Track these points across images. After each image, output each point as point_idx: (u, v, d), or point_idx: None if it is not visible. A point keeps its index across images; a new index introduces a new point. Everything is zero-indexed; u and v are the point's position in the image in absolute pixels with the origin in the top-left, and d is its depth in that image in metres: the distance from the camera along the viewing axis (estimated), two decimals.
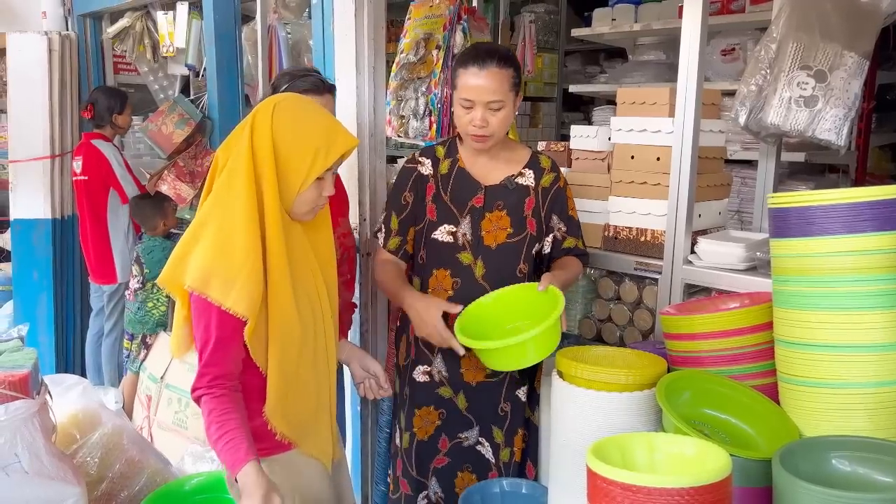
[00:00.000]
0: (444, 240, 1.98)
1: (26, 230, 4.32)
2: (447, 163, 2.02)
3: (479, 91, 1.85)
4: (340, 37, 2.60)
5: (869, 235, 1.34)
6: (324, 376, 1.67)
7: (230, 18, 3.63)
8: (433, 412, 2.04)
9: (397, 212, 2.03)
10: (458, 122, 1.93)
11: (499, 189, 1.99)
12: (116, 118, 3.98)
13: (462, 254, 1.97)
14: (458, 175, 2.01)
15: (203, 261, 1.46)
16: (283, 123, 1.51)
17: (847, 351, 1.37)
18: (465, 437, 2.03)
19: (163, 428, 3.33)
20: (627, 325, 2.34)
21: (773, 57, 2.12)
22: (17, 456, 1.43)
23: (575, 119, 5.02)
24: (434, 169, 2.02)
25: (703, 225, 2.23)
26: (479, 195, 1.99)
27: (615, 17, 3.73)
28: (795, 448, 1.33)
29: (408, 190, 2.02)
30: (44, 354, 4.14)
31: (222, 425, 1.44)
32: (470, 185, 2.00)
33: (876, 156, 3.71)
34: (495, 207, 1.98)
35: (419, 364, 2.04)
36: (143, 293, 3.69)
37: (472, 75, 1.85)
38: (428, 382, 2.03)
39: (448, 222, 1.98)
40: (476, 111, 1.86)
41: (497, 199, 1.99)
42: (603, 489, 1.20)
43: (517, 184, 2.00)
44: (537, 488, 1.87)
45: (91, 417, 2.19)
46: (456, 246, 1.97)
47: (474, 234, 1.97)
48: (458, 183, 2.01)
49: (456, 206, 1.99)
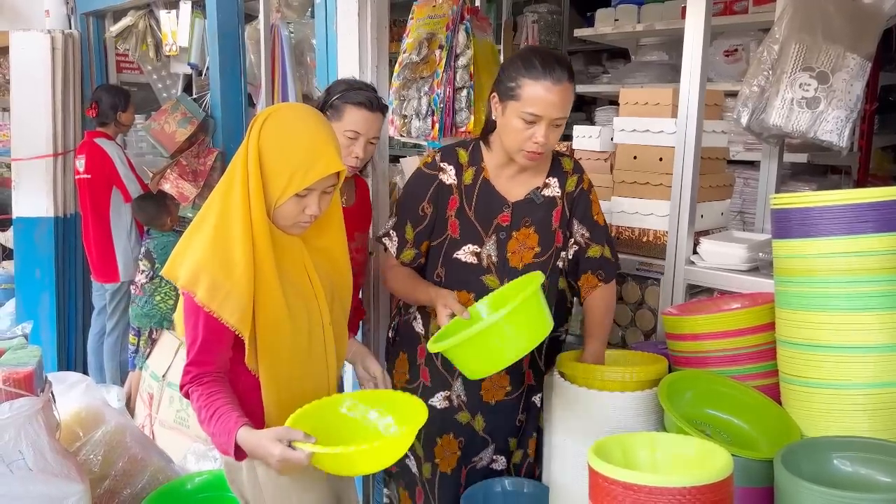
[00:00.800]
0: (468, 260, 1.84)
1: (29, 228, 4.32)
2: (471, 172, 1.85)
3: (550, 107, 1.67)
4: (343, 36, 2.60)
5: (870, 237, 1.34)
6: (322, 381, 1.66)
7: (233, 17, 3.63)
8: (453, 441, 1.94)
9: (413, 222, 1.87)
10: (510, 136, 1.73)
11: (525, 204, 1.85)
12: (120, 116, 3.99)
13: (487, 277, 1.84)
14: (483, 188, 1.84)
15: (195, 261, 1.47)
16: (270, 135, 1.50)
17: (848, 352, 1.37)
18: (478, 459, 1.97)
19: (165, 426, 3.33)
20: (629, 326, 2.35)
21: (775, 58, 2.12)
22: (21, 453, 1.43)
23: (577, 119, 5.01)
24: (458, 178, 1.85)
25: (706, 225, 2.23)
26: (506, 212, 1.83)
27: (618, 18, 3.73)
28: (797, 448, 1.33)
29: (427, 200, 1.85)
30: (46, 352, 4.14)
31: (210, 405, 1.44)
32: (496, 201, 1.84)
33: (878, 157, 3.71)
34: (522, 225, 1.84)
35: (439, 390, 1.92)
36: (150, 287, 3.71)
37: (545, 89, 1.66)
38: (448, 408, 1.92)
39: (472, 242, 1.84)
40: (540, 127, 1.69)
41: (524, 215, 1.84)
42: (605, 488, 1.21)
43: (544, 196, 1.86)
44: (539, 487, 1.88)
45: (94, 415, 2.19)
46: (480, 268, 1.83)
47: (500, 255, 1.83)
48: (482, 198, 1.84)
49: (481, 224, 1.84)
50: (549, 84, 1.66)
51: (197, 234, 1.51)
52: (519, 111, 1.69)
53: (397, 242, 1.89)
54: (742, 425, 1.56)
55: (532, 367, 1.93)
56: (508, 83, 1.71)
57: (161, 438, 3.27)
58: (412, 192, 1.88)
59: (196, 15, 3.84)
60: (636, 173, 2.24)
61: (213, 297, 1.44)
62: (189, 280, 1.46)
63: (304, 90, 3.48)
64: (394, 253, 1.90)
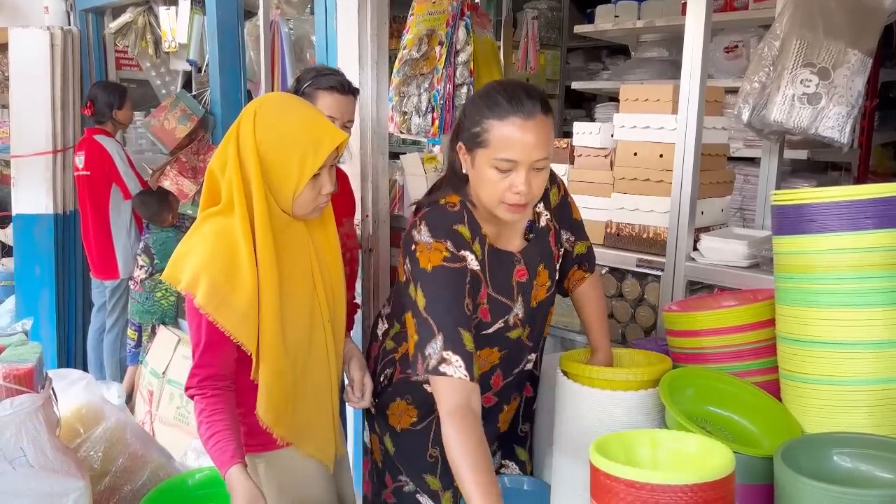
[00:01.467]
0: (495, 329, 1.63)
1: (28, 225, 4.32)
2: (477, 246, 1.57)
3: (526, 148, 1.42)
4: (343, 33, 2.60)
5: (870, 233, 1.34)
6: (324, 378, 1.66)
7: (232, 14, 3.62)
8: None
9: (466, 327, 1.48)
10: (486, 190, 1.48)
11: (530, 248, 1.67)
12: (116, 113, 3.98)
13: (512, 332, 1.67)
14: (493, 256, 1.59)
15: (195, 266, 1.47)
16: (266, 129, 1.48)
17: (848, 348, 1.37)
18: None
19: (165, 423, 3.34)
20: (630, 322, 2.35)
21: (776, 54, 2.12)
22: (22, 450, 1.43)
23: (577, 116, 5.02)
24: (478, 262, 1.56)
25: (706, 222, 2.23)
26: (520, 267, 1.63)
27: (618, 14, 3.73)
28: (797, 445, 1.33)
29: (468, 296, 1.52)
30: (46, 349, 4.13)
31: (210, 426, 1.46)
32: (506, 261, 1.62)
33: (878, 153, 3.71)
34: (537, 272, 1.67)
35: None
36: (150, 283, 3.72)
37: (516, 128, 1.41)
38: None
39: (501, 317, 1.62)
40: (518, 174, 1.43)
41: (533, 260, 1.66)
42: (606, 486, 1.21)
43: (540, 228, 1.70)
44: (540, 485, 1.88)
45: (94, 412, 2.18)
46: (507, 327, 1.65)
47: (526, 312, 1.66)
48: (494, 266, 1.60)
49: (504, 295, 1.62)
50: (519, 121, 1.41)
51: (195, 242, 1.51)
52: (491, 159, 1.44)
53: (463, 359, 1.44)
54: (743, 422, 1.56)
55: (532, 380, 1.91)
56: (473, 129, 1.46)
57: (161, 435, 3.28)
58: (445, 296, 1.49)
59: (195, 11, 3.83)
60: (636, 170, 2.24)
61: (210, 300, 1.44)
62: (190, 285, 1.46)
63: None
64: (465, 375, 1.43)
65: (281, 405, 1.55)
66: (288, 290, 1.55)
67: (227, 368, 1.52)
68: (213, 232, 1.49)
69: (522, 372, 1.79)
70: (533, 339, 1.75)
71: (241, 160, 1.48)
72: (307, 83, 2.02)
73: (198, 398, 1.49)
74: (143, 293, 3.75)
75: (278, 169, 1.49)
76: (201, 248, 1.48)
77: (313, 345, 1.62)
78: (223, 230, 1.48)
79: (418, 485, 1.79)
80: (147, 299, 3.72)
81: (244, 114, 1.52)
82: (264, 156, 1.48)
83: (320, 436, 1.67)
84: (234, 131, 1.51)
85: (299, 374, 1.59)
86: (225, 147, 1.51)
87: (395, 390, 1.78)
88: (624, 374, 1.63)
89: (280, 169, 1.48)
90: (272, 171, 1.49)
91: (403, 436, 1.79)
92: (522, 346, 1.72)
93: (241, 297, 1.46)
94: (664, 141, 2.16)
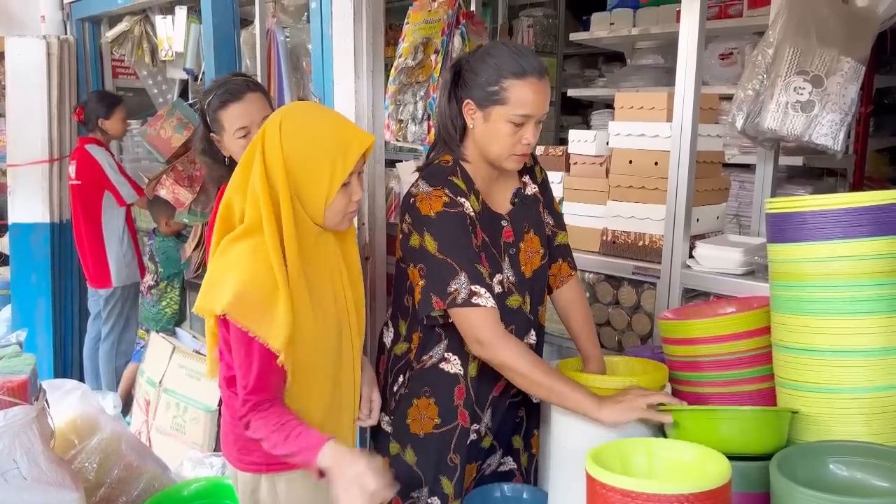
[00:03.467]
0: (497, 291, 1.67)
1: (24, 234, 4.32)
2: (473, 198, 1.68)
3: (540, 104, 1.60)
4: (339, 41, 2.60)
5: (865, 240, 1.34)
6: (348, 394, 1.64)
7: (229, 22, 3.62)
8: (474, 466, 1.87)
9: (480, 262, 1.62)
10: (498, 143, 1.62)
11: (517, 212, 1.76)
12: (103, 123, 3.96)
13: (510, 298, 1.71)
14: (484, 212, 1.71)
15: (238, 287, 1.41)
16: (293, 139, 1.45)
17: (844, 356, 1.37)
18: (489, 463, 1.92)
19: (161, 432, 3.32)
20: (626, 330, 2.34)
21: (770, 62, 2.13)
22: (15, 462, 1.43)
23: (573, 123, 5.03)
24: (474, 210, 1.68)
25: (702, 229, 2.23)
26: (507, 228, 1.74)
27: (613, 22, 3.74)
28: (793, 453, 1.33)
29: (474, 235, 1.65)
30: (42, 358, 4.14)
31: (280, 429, 1.41)
32: (495, 220, 1.73)
33: (874, 159, 3.72)
34: (524, 235, 1.75)
35: (473, 423, 1.78)
36: (157, 292, 3.75)
37: (532, 87, 1.58)
38: (476, 439, 1.82)
39: (497, 271, 1.69)
40: (528, 128, 1.61)
41: (520, 224, 1.75)
42: (602, 495, 1.20)
43: (526, 196, 1.79)
44: (538, 494, 1.87)
45: (90, 423, 2.18)
46: (503, 294, 1.69)
47: (517, 275, 1.73)
48: (486, 222, 1.70)
49: (496, 250, 1.71)
50: (534, 80, 1.58)
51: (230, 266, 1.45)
52: (508, 115, 1.59)
53: (488, 291, 1.58)
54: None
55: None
56: (489, 87, 1.60)
57: (158, 445, 3.26)
58: (456, 237, 1.61)
59: (192, 20, 3.84)
60: (632, 177, 2.25)
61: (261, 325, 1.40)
62: (237, 312, 1.41)
63: (299, 95, 3.48)
64: (494, 304, 1.58)
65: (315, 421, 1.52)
66: (318, 304, 1.52)
67: (279, 391, 1.48)
68: (247, 252, 1.44)
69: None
70: (534, 313, 1.78)
71: (269, 174, 1.45)
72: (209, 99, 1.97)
73: (254, 417, 1.43)
74: (151, 300, 3.79)
75: (308, 178, 1.46)
76: (238, 270, 1.43)
77: (342, 358, 1.60)
78: (256, 249, 1.44)
79: (433, 487, 1.79)
80: (153, 306, 3.77)
81: (268, 127, 1.48)
82: (293, 167, 1.45)
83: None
84: (258, 147, 1.47)
85: (331, 388, 1.57)
86: (247, 167, 1.47)
87: (413, 390, 1.77)
88: (621, 382, 1.63)
89: (310, 178, 1.46)
90: (302, 182, 1.46)
91: (427, 441, 1.77)
92: (525, 317, 1.75)
93: (283, 316, 1.42)
94: (659, 149, 2.16)
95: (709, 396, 1.61)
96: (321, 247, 1.55)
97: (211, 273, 1.49)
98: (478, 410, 1.78)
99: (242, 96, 1.96)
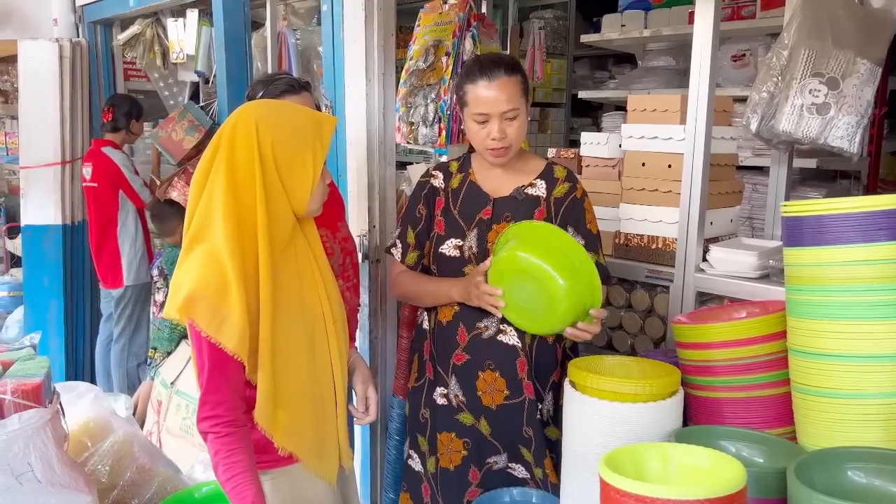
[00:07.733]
0: (451, 254, 1.94)
1: (37, 236, 4.34)
2: (459, 177, 2.00)
3: (492, 102, 1.82)
4: (350, 44, 2.60)
5: (884, 245, 1.33)
6: (327, 385, 1.64)
7: (240, 25, 3.64)
8: (456, 440, 1.95)
9: (412, 225, 2.01)
10: (473, 139, 1.90)
11: (508, 201, 1.94)
12: (133, 125, 4.04)
13: (468, 267, 1.91)
14: (469, 188, 1.98)
15: (191, 289, 1.43)
16: (276, 134, 1.47)
17: (861, 361, 1.35)
18: (493, 461, 1.95)
19: (171, 434, 3.33)
20: (639, 334, 2.33)
21: (784, 64, 2.11)
22: (29, 465, 1.42)
23: (584, 125, 5.02)
24: (445, 183, 2.00)
25: (715, 232, 2.22)
26: (488, 207, 1.94)
27: (624, 23, 3.73)
28: (811, 459, 1.32)
29: (421, 203, 2.00)
30: (54, 360, 4.14)
31: (228, 468, 1.44)
32: (479, 198, 1.96)
33: (888, 162, 3.68)
34: (503, 219, 1.92)
35: (438, 385, 1.97)
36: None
37: (483, 88, 1.83)
38: (447, 405, 1.95)
39: (455, 236, 1.95)
40: (492, 124, 1.84)
41: (505, 210, 1.93)
42: (616, 500, 1.19)
43: (526, 194, 1.94)
44: (548, 499, 1.86)
45: (102, 425, 2.18)
46: (462, 260, 1.93)
47: (480, 246, 1.92)
48: (467, 196, 1.97)
49: (464, 220, 1.95)
50: (485, 82, 1.82)
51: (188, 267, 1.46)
52: (470, 114, 1.87)
53: (401, 248, 2.03)
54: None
55: (530, 377, 1.90)
56: (459, 94, 1.91)
57: (168, 447, 3.26)
58: (411, 199, 2.05)
59: (203, 23, 3.85)
60: (645, 180, 2.24)
61: (211, 323, 1.41)
62: (188, 310, 1.43)
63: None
64: (399, 257, 2.03)
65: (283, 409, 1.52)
66: (287, 294, 1.53)
67: (236, 392, 1.48)
68: (202, 254, 1.45)
69: (494, 342, 1.88)
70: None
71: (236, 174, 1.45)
72: (259, 95, 2.00)
73: (212, 437, 1.45)
74: (164, 319, 3.73)
75: (295, 168, 1.49)
76: (194, 272, 1.45)
77: (317, 352, 1.60)
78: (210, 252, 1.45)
79: (411, 444, 2.06)
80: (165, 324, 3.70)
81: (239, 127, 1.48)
82: (280, 160, 1.48)
83: (325, 450, 1.65)
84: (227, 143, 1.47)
85: (302, 378, 1.57)
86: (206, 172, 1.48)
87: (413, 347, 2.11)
88: (633, 385, 1.61)
89: (297, 167, 1.49)
90: (289, 170, 1.49)
91: (411, 395, 2.08)
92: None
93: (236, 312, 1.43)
94: (672, 151, 2.15)
95: (723, 401, 1.59)
96: (295, 238, 1.56)
97: (174, 277, 1.50)
98: (441, 372, 1.95)
99: (300, 91, 2.03)
